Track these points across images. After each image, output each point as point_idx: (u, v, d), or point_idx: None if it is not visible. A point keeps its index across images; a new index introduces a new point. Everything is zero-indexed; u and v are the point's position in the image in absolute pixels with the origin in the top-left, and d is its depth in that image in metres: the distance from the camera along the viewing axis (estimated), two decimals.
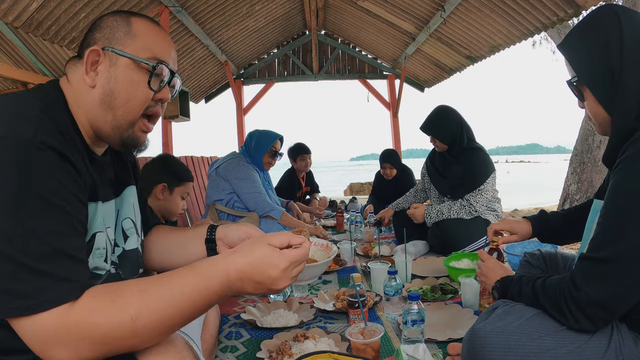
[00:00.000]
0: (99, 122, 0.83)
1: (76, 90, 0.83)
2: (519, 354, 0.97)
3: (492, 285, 1.27)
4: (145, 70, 0.84)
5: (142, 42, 0.84)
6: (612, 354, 0.93)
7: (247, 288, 0.74)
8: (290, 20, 5.82)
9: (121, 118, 0.84)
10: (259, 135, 3.15)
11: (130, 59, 0.82)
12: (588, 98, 1.02)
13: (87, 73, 0.82)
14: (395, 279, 1.62)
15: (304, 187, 4.49)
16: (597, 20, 0.99)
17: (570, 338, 0.96)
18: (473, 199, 2.55)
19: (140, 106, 0.85)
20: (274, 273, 0.74)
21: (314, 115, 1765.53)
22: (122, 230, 0.94)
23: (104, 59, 0.82)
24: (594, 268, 0.91)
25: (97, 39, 0.84)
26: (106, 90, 0.82)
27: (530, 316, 1.02)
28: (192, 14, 4.17)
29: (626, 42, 0.93)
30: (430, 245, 2.73)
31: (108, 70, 0.82)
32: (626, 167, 0.89)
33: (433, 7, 4.17)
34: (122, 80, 0.82)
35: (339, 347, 1.35)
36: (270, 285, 0.75)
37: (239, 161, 2.98)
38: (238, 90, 6.58)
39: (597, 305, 0.91)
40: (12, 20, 2.72)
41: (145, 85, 0.84)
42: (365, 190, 10.65)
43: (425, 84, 6.64)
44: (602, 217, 0.93)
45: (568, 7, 3.00)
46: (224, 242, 1.05)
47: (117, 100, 0.82)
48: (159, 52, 0.86)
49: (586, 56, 0.99)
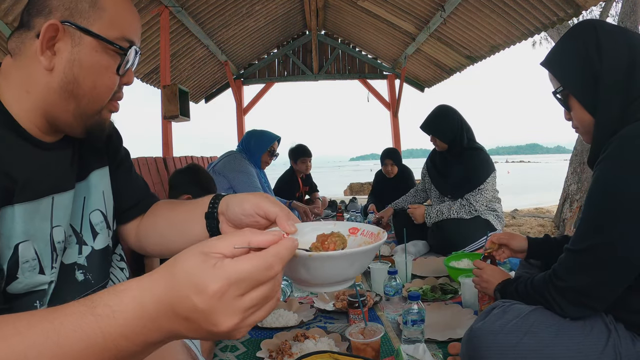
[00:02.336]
0: (56, 110, 0.69)
1: (25, 71, 0.68)
2: (518, 352, 0.99)
3: (493, 290, 1.29)
4: (114, 53, 0.70)
5: (109, 17, 0.69)
6: (610, 351, 0.95)
7: (182, 330, 0.42)
8: (290, 20, 5.82)
9: (86, 107, 0.71)
10: (258, 135, 3.22)
11: (98, 39, 0.68)
12: (574, 105, 1.09)
13: (42, 52, 0.66)
14: (395, 279, 1.63)
15: (302, 187, 4.50)
16: (576, 32, 1.08)
17: (568, 335, 0.98)
18: (473, 198, 2.55)
19: (107, 93, 0.72)
20: (198, 301, 0.40)
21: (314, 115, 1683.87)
22: (91, 226, 0.80)
23: (64, 35, 0.67)
24: (574, 259, 0.98)
25: (53, 8, 0.67)
26: (68, 76, 0.68)
27: (526, 313, 1.04)
28: (192, 14, 4.17)
29: (604, 49, 1.00)
30: (430, 245, 2.73)
31: (70, 51, 0.67)
32: (603, 166, 0.95)
33: (433, 7, 4.18)
34: (87, 65, 0.68)
35: (339, 347, 1.35)
36: (206, 326, 0.41)
37: (236, 156, 3.05)
38: (238, 90, 6.58)
39: (578, 292, 0.98)
40: (12, 21, 2.72)
41: (114, 71, 0.71)
42: (365, 190, 10.65)
43: (425, 84, 6.65)
44: (582, 213, 1.00)
45: (568, 7, 3.00)
46: (226, 218, 0.77)
47: (81, 89, 0.69)
48: (129, 31, 0.72)
49: (569, 65, 1.07)
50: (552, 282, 1.02)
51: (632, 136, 0.92)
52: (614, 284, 0.95)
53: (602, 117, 1.02)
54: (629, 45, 1.00)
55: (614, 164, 0.93)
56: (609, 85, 1.00)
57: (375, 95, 6.82)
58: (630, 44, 1.00)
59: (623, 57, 1.00)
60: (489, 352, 1.02)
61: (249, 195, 0.73)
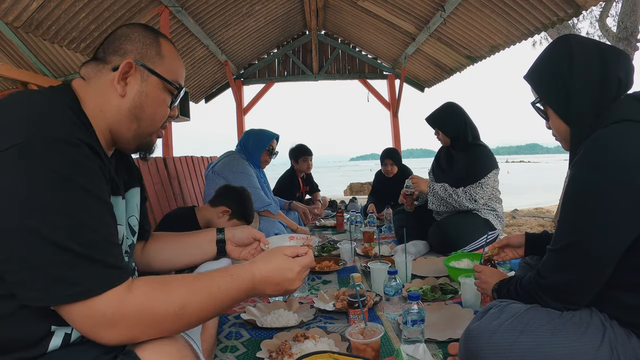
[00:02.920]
0: (122, 128, 0.90)
1: (99, 94, 0.87)
2: (514, 351, 1.00)
3: (491, 289, 1.33)
4: (168, 91, 0.94)
5: (168, 64, 0.93)
6: (607, 347, 0.96)
7: (267, 289, 0.89)
8: (290, 20, 5.82)
9: (144, 129, 0.92)
10: (256, 134, 3.20)
11: (160, 79, 0.91)
12: (551, 115, 1.18)
13: (118, 82, 0.86)
14: (395, 279, 1.63)
15: (303, 186, 4.50)
16: (552, 48, 1.17)
17: (564, 333, 0.99)
18: (473, 190, 2.57)
19: (161, 121, 0.95)
20: (290, 275, 0.90)
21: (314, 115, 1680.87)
22: (129, 226, 1.01)
23: (135, 72, 0.88)
24: (554, 258, 1.05)
25: (128, 51, 0.89)
26: (136, 102, 0.89)
27: (522, 312, 1.06)
28: (192, 14, 4.17)
29: (576, 65, 1.09)
30: (430, 245, 2.73)
31: (139, 84, 0.89)
32: (573, 168, 1.03)
33: (433, 7, 4.18)
34: (151, 97, 0.91)
35: (339, 347, 1.35)
36: (287, 286, 0.90)
37: (235, 157, 3.03)
38: (238, 90, 6.58)
39: (559, 289, 1.05)
40: (12, 20, 2.72)
41: (167, 105, 0.95)
42: (365, 190, 10.65)
43: (425, 84, 6.64)
44: (560, 214, 1.07)
45: (568, 7, 3.00)
46: (232, 242, 1.26)
47: (144, 114, 0.90)
48: (179, 75, 0.97)
49: (544, 79, 1.17)
50: (537, 280, 1.09)
51: (597, 140, 1.00)
52: (592, 281, 1.01)
53: (575, 126, 1.11)
54: (601, 60, 1.08)
55: (581, 165, 1.01)
56: (580, 98, 1.08)
57: (375, 95, 6.81)
58: (602, 59, 1.08)
59: (595, 72, 1.08)
60: (485, 351, 1.03)
61: (244, 228, 1.28)
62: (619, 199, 0.94)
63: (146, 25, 0.96)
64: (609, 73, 1.07)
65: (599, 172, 0.97)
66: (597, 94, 1.07)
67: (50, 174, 0.67)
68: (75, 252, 0.66)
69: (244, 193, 2.24)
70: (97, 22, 3.27)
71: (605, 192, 0.95)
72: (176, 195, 3.13)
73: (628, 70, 1.08)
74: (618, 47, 1.13)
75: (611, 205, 0.95)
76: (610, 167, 0.95)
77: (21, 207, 0.65)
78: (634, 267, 0.97)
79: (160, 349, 0.73)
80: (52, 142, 0.68)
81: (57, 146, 0.68)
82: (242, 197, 2.21)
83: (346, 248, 2.49)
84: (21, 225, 0.65)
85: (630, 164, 0.94)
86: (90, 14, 3.12)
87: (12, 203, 0.65)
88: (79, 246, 0.67)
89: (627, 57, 1.10)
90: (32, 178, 0.66)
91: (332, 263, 2.39)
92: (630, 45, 6.30)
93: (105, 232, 0.71)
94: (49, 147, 0.68)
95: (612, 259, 0.97)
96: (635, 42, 6.34)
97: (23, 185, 0.66)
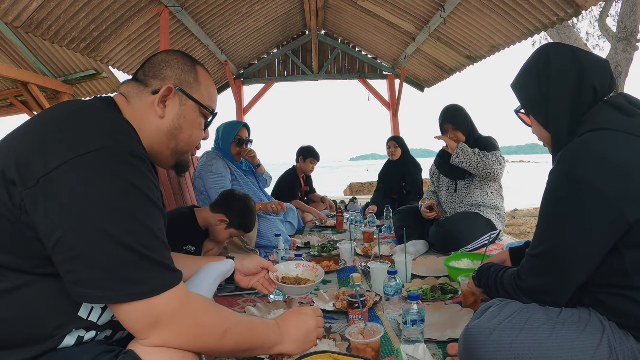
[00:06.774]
0: (161, 146, 0.96)
1: (139, 114, 0.93)
2: (513, 350, 1.00)
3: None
4: (203, 115, 1.01)
5: (204, 91, 1.00)
6: (605, 346, 0.97)
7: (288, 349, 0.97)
8: (290, 20, 5.82)
9: (181, 148, 0.99)
10: (223, 128, 3.08)
11: (197, 104, 0.98)
12: (533, 123, 1.23)
13: (158, 104, 0.93)
14: (395, 279, 1.62)
15: (304, 186, 4.52)
16: (533, 58, 1.21)
17: (563, 332, 0.99)
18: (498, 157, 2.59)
19: (196, 142, 1.03)
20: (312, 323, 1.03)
21: (314, 115, 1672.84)
22: None
23: (174, 96, 0.95)
24: (531, 262, 1.10)
25: (168, 76, 0.95)
26: (175, 124, 0.95)
27: (522, 311, 1.06)
28: (192, 14, 4.17)
29: (553, 74, 1.13)
30: (430, 244, 2.73)
31: (178, 107, 0.95)
32: (549, 178, 1.06)
33: (433, 7, 4.18)
34: (189, 120, 0.97)
35: (339, 347, 1.35)
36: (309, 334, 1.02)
37: (211, 156, 2.97)
38: (238, 90, 6.58)
39: (537, 291, 1.09)
40: (12, 20, 2.72)
41: (202, 128, 1.02)
42: (365, 190, 10.65)
43: (425, 84, 6.64)
44: (538, 220, 1.10)
45: (568, 7, 3.00)
46: (240, 272, 1.36)
47: (182, 135, 0.97)
48: (213, 102, 1.04)
49: (525, 88, 1.21)
50: (516, 282, 1.14)
51: (571, 150, 1.03)
52: (567, 284, 1.04)
53: (555, 133, 1.15)
54: (578, 70, 1.11)
55: (554, 173, 1.05)
56: (557, 106, 1.12)
57: (375, 95, 6.81)
58: (580, 68, 1.11)
59: (571, 81, 1.11)
60: (485, 349, 1.04)
61: (254, 258, 1.40)
62: (588, 209, 0.96)
63: (184, 52, 1.02)
64: (584, 81, 1.10)
65: (570, 183, 0.99)
66: (574, 102, 1.10)
67: (123, 182, 0.72)
68: (142, 254, 0.71)
69: (246, 204, 2.19)
70: (97, 22, 3.27)
71: (576, 202, 0.98)
72: (176, 195, 3.13)
73: (604, 78, 1.10)
74: (598, 55, 1.18)
75: (581, 215, 0.97)
76: (579, 178, 0.98)
77: (95, 210, 0.69)
78: (618, 271, 0.98)
79: (161, 348, 0.74)
80: (124, 154, 0.74)
81: (128, 158, 0.74)
82: (242, 209, 2.17)
83: (346, 248, 2.49)
84: (94, 227, 0.69)
85: (600, 174, 0.96)
86: (90, 14, 3.12)
87: (84, 206, 0.69)
88: (145, 249, 0.71)
89: (604, 65, 1.12)
90: (106, 184, 0.71)
91: (332, 263, 2.39)
92: (630, 45, 6.30)
93: (163, 237, 0.77)
94: (121, 158, 0.74)
95: (585, 265, 1.00)
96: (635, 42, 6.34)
97: (95, 190, 0.70)
